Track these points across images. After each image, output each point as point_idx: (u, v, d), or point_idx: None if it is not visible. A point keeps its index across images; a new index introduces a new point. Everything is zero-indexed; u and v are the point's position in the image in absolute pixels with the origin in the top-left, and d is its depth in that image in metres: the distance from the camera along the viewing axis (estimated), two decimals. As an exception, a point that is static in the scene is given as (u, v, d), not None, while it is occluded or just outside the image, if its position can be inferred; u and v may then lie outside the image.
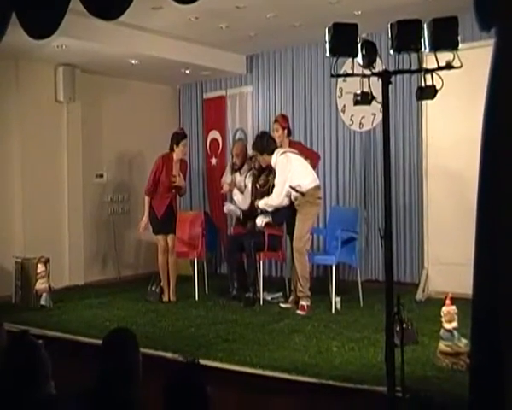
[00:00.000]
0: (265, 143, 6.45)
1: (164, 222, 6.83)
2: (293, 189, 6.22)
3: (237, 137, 8.60)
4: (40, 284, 6.65)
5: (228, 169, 7.47)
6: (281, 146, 6.60)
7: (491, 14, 2.36)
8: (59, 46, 6.76)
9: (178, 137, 6.88)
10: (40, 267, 6.71)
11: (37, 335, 3.65)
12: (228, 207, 7.24)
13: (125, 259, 8.65)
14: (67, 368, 3.74)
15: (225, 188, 7.24)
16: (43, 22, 3.94)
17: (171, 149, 6.88)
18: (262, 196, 6.56)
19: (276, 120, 6.86)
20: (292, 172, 6.22)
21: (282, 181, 6.23)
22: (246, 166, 7.16)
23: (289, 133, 6.82)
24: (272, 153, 6.37)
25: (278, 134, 6.69)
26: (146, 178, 7.07)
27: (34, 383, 2.54)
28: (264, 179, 6.68)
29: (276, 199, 6.32)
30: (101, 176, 8.47)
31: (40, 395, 2.55)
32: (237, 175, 7.19)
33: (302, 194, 6.22)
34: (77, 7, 3.64)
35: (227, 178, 7.35)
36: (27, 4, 3.93)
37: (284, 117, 6.94)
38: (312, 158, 6.74)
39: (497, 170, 2.30)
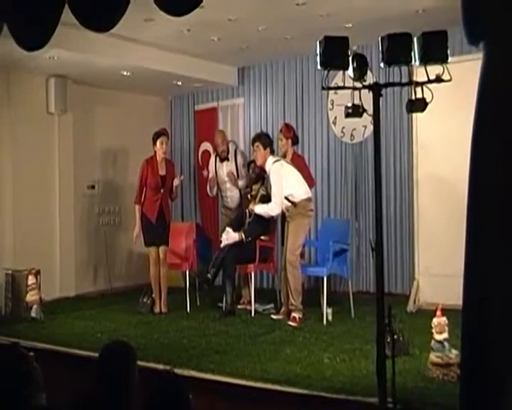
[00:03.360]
0: (263, 138, 6.56)
1: (157, 229, 6.80)
2: (286, 198, 6.24)
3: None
4: (31, 296, 6.61)
5: (212, 159, 7.58)
6: (284, 156, 6.65)
7: (479, 28, 2.39)
8: (51, 57, 6.77)
9: (155, 136, 6.91)
10: (31, 279, 6.67)
11: (28, 347, 3.64)
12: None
13: (116, 270, 8.62)
14: (58, 380, 3.73)
15: (210, 175, 7.46)
16: (35, 34, 3.95)
17: (155, 152, 6.92)
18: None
19: (280, 130, 6.94)
20: (285, 181, 6.25)
21: (279, 190, 6.24)
22: (242, 168, 7.27)
23: (293, 142, 6.86)
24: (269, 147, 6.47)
25: (282, 144, 6.76)
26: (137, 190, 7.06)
27: (25, 396, 2.53)
28: (256, 190, 6.70)
29: (276, 209, 6.35)
30: (93, 187, 8.46)
31: (31, 407, 2.54)
32: (225, 164, 7.32)
33: (294, 204, 6.23)
34: (69, 19, 3.66)
35: (212, 168, 7.51)
36: (19, 16, 3.94)
37: (288, 127, 6.96)
38: (308, 179, 6.66)
39: (486, 181, 2.33)
